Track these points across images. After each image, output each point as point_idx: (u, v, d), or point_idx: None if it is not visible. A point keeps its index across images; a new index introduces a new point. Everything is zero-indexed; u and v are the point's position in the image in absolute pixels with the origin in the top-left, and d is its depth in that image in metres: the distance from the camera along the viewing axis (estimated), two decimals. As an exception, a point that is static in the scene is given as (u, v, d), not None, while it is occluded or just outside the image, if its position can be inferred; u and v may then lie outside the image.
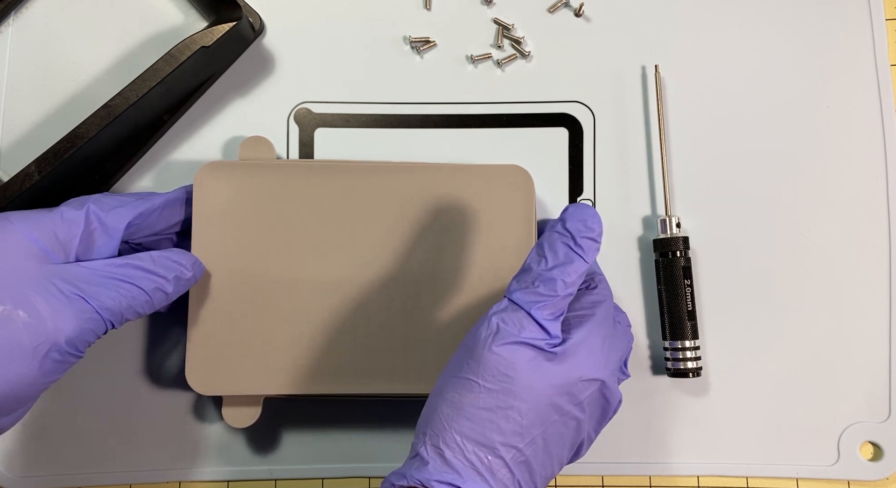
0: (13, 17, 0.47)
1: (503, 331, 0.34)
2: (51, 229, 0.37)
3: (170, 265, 0.39)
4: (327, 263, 0.43)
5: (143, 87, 0.42)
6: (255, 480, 0.46)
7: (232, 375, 0.43)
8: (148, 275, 0.38)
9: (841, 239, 0.47)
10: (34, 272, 0.36)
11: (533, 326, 0.34)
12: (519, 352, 0.34)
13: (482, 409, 0.33)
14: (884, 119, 0.48)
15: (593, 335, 0.36)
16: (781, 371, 0.46)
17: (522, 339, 0.34)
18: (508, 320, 0.35)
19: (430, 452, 0.33)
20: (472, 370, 0.34)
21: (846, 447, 0.46)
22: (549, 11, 0.49)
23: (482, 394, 0.34)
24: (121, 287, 0.37)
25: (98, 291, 0.36)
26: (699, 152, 0.48)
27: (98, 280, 0.37)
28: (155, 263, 0.39)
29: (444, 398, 0.34)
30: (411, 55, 0.48)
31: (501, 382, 0.34)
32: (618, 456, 0.46)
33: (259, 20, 0.48)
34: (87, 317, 0.36)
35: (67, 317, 0.35)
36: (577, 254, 0.35)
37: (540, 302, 0.34)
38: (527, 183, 0.44)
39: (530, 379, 0.34)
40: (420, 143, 0.47)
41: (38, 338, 0.34)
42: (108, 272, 0.37)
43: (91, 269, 0.37)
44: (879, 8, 0.48)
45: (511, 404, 0.33)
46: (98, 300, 0.36)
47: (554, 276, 0.35)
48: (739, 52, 0.48)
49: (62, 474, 0.46)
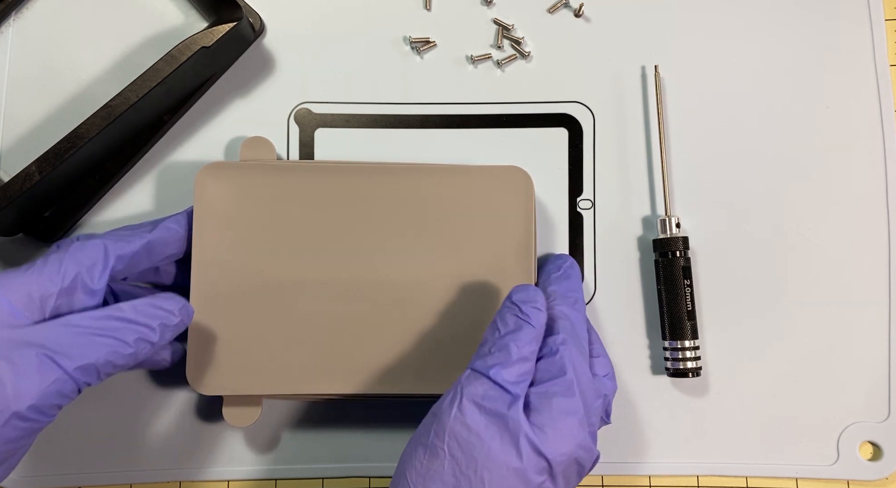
0: (13, 18, 0.47)
1: (467, 396, 0.35)
2: (24, 289, 0.35)
3: (154, 313, 0.37)
4: (327, 264, 0.43)
5: (143, 88, 0.42)
6: (255, 480, 0.46)
7: (232, 375, 0.43)
8: (129, 325, 0.36)
9: (841, 239, 0.47)
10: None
11: (494, 390, 0.35)
12: (482, 419, 0.34)
13: (448, 476, 0.33)
14: (883, 119, 0.48)
15: (563, 408, 0.35)
16: (781, 371, 0.46)
17: (485, 405, 0.34)
18: (471, 386, 0.35)
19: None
20: (438, 436, 0.34)
21: (846, 447, 0.46)
22: (549, 12, 0.49)
23: (446, 461, 0.34)
24: (98, 342, 0.35)
25: (70, 350, 0.34)
26: (699, 152, 0.48)
27: (71, 338, 0.35)
28: (137, 312, 0.37)
29: (413, 464, 0.34)
30: (411, 55, 0.48)
31: (466, 450, 0.34)
32: (618, 456, 0.46)
33: (259, 20, 0.48)
34: (53, 379, 0.33)
35: (31, 382, 0.33)
36: (524, 322, 0.37)
37: (496, 365, 0.35)
38: (527, 184, 0.44)
39: (495, 449, 0.34)
40: (420, 143, 0.47)
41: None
42: (84, 327, 0.35)
43: (66, 326, 0.35)
44: (879, 8, 0.49)
45: (476, 472, 0.33)
46: (69, 359, 0.34)
47: (506, 342, 0.36)
48: (739, 52, 0.48)
49: (62, 474, 0.46)
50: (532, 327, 0.37)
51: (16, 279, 0.36)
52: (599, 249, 0.47)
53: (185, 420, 0.46)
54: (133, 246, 0.40)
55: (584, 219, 0.47)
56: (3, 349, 0.34)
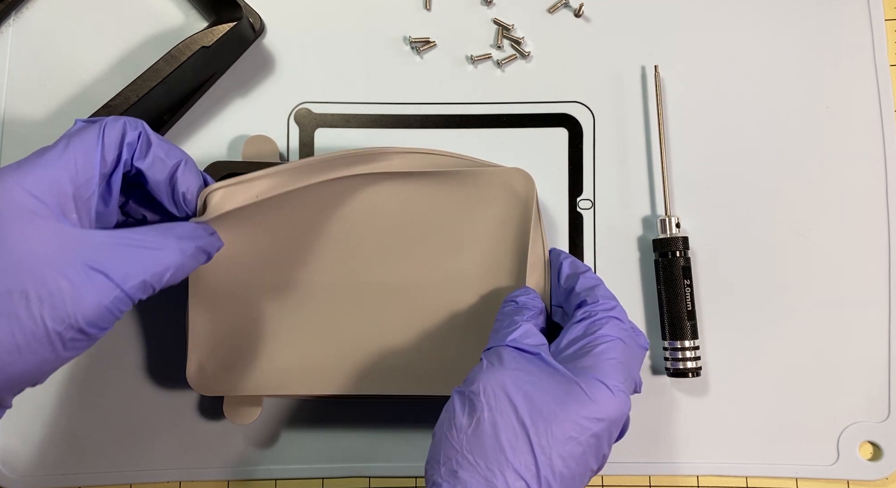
0: (13, 17, 0.47)
1: (493, 365, 0.36)
2: (54, 183, 0.33)
3: (197, 233, 0.37)
4: (328, 265, 0.43)
5: (143, 87, 0.42)
6: (255, 480, 0.46)
7: (232, 376, 0.43)
8: (183, 241, 0.35)
9: (841, 239, 0.47)
10: (50, 246, 0.32)
11: (516, 351, 0.36)
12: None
13: (492, 430, 0.33)
14: (883, 119, 0.48)
15: (614, 364, 0.35)
16: (781, 371, 0.46)
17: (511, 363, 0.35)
18: (492, 356, 0.36)
19: (444, 475, 0.33)
20: (473, 393, 0.35)
21: (845, 447, 0.46)
22: (549, 12, 0.49)
23: (485, 413, 0.33)
24: (153, 255, 0.34)
25: (125, 267, 0.33)
26: (699, 152, 0.48)
27: (125, 253, 0.33)
28: (184, 231, 0.36)
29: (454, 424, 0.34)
30: (411, 55, 0.48)
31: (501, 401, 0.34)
32: (618, 456, 0.46)
33: (259, 20, 0.48)
34: (112, 298, 0.32)
35: (88, 297, 0.32)
36: (522, 307, 0.39)
37: (511, 336, 0.37)
38: (529, 186, 0.43)
39: (549, 405, 0.34)
40: (420, 144, 0.47)
41: (58, 324, 0.31)
42: (138, 241, 0.34)
43: (118, 239, 0.33)
44: (879, 8, 0.49)
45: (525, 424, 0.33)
46: (125, 278, 0.33)
47: (513, 319, 0.38)
48: (739, 52, 0.48)
49: (62, 474, 0.46)
50: (528, 309, 0.39)
51: (43, 171, 0.33)
52: (599, 249, 0.47)
53: (185, 420, 0.46)
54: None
55: (584, 219, 0.47)
56: (55, 262, 0.32)
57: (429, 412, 0.45)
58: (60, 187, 0.33)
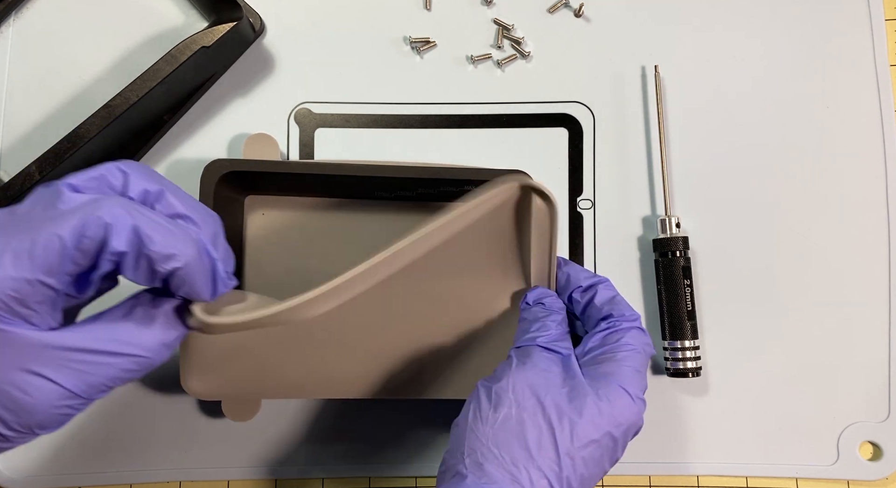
0: (13, 17, 0.47)
1: (522, 363, 0.36)
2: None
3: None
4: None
5: (143, 88, 0.42)
6: (255, 480, 0.46)
7: (227, 380, 0.42)
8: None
9: (841, 239, 0.47)
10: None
11: (546, 352, 0.37)
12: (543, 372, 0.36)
13: (518, 428, 0.34)
14: (883, 119, 0.48)
15: (634, 372, 0.36)
16: (781, 371, 0.46)
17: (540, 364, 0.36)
18: (521, 355, 0.37)
19: (469, 466, 0.33)
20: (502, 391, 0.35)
21: (846, 447, 0.46)
22: (549, 12, 0.49)
23: (513, 410, 0.34)
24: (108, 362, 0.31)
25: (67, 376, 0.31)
26: (699, 152, 0.48)
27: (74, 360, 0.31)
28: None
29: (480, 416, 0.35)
30: (411, 55, 0.48)
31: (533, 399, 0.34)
32: (618, 455, 0.46)
33: (259, 20, 0.48)
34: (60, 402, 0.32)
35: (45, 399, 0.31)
36: (550, 309, 0.40)
37: (540, 336, 0.38)
38: (529, 196, 0.41)
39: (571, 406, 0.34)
40: (420, 144, 0.47)
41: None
42: (94, 343, 0.31)
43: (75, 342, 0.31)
44: (879, 8, 0.49)
45: (549, 419, 0.34)
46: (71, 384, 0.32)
47: (543, 321, 0.39)
48: (739, 53, 0.48)
49: (62, 474, 0.46)
50: (556, 313, 0.39)
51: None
52: (599, 249, 0.47)
53: (184, 420, 0.46)
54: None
55: (584, 219, 0.47)
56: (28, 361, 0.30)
57: (429, 412, 0.46)
58: (14, 286, 0.28)
